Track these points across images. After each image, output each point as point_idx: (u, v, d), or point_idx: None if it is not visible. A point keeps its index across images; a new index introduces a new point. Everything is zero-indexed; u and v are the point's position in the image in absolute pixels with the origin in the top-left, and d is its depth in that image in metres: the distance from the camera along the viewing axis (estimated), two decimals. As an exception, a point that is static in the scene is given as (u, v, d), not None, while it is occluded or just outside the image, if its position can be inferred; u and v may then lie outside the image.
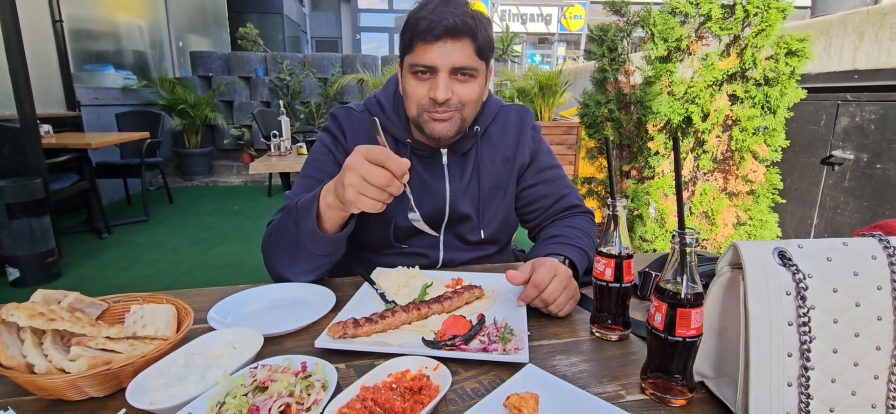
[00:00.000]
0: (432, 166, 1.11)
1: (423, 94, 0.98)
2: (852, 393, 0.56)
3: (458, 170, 1.12)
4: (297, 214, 0.92)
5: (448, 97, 0.96)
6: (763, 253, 0.55)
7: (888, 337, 0.55)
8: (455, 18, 0.92)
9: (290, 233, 0.94)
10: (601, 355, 0.74)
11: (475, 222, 1.14)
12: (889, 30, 2.51)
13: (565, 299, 0.85)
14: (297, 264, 0.96)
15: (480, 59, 0.98)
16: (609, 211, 0.77)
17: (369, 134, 1.08)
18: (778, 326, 0.54)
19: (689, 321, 0.59)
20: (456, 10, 0.93)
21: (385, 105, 1.11)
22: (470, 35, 0.95)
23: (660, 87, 1.91)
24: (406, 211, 0.96)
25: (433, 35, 0.93)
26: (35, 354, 0.63)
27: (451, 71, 0.96)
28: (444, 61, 0.94)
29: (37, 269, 3.09)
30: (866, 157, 2.57)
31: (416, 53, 0.96)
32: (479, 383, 0.67)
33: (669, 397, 0.62)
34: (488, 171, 1.14)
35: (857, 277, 0.55)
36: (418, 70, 0.97)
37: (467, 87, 0.99)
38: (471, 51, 0.96)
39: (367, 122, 1.10)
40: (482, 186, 1.13)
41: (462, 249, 1.15)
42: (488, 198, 1.14)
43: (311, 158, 1.13)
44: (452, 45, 0.94)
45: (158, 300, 0.79)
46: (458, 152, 1.12)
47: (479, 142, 1.13)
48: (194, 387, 0.62)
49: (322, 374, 0.63)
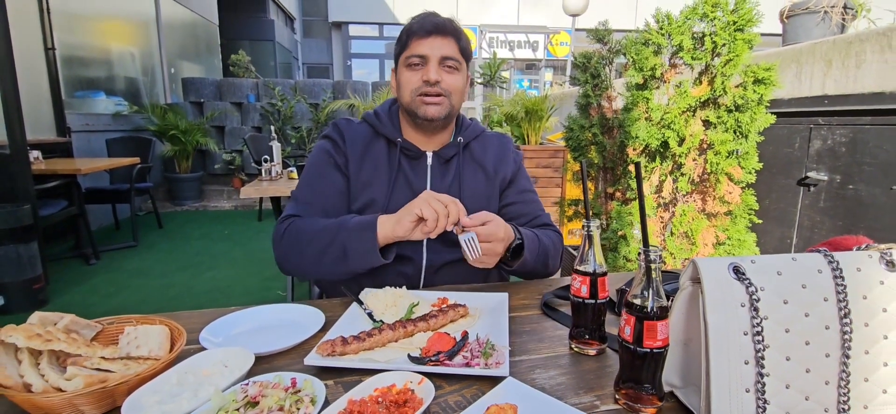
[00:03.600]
0: (417, 167, 1.25)
1: (417, 79, 1.16)
2: (806, 398, 0.60)
3: (440, 173, 1.26)
4: (347, 237, 1.07)
5: (438, 79, 1.15)
6: (719, 268, 0.60)
7: (836, 345, 0.60)
8: (442, 21, 1.15)
9: (333, 249, 1.08)
10: (578, 369, 0.78)
11: None
12: (854, 57, 2.65)
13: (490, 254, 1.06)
14: (326, 266, 1.10)
15: (463, 58, 1.19)
16: (584, 231, 0.82)
17: (366, 141, 1.24)
18: (734, 336, 0.59)
19: (656, 333, 0.63)
20: (442, 18, 1.17)
21: (380, 113, 1.28)
22: (454, 35, 1.16)
23: (638, 113, 2.00)
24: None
25: (425, 31, 1.14)
26: (32, 374, 0.66)
27: (440, 59, 1.15)
28: (434, 52, 1.14)
29: (23, 295, 3.06)
30: (839, 179, 2.68)
31: (410, 48, 1.16)
32: (461, 397, 0.70)
33: (640, 406, 0.66)
34: (468, 180, 1.26)
35: (805, 289, 0.60)
36: (412, 61, 1.16)
37: (453, 77, 1.18)
38: (455, 47, 1.17)
39: (365, 132, 1.26)
40: (462, 190, 1.24)
41: (444, 248, 1.20)
42: (468, 201, 1.21)
43: (311, 164, 1.26)
44: (441, 40, 1.14)
45: (151, 321, 0.81)
46: (441, 158, 1.26)
47: (461, 152, 1.27)
48: (187, 404, 0.64)
49: (311, 389, 0.66)
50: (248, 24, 12.11)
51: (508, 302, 1.00)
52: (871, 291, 0.61)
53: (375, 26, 15.01)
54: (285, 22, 14.20)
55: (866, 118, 2.54)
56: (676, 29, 1.84)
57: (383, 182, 1.21)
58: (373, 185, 1.21)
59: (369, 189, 1.21)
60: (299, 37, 15.65)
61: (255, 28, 12.19)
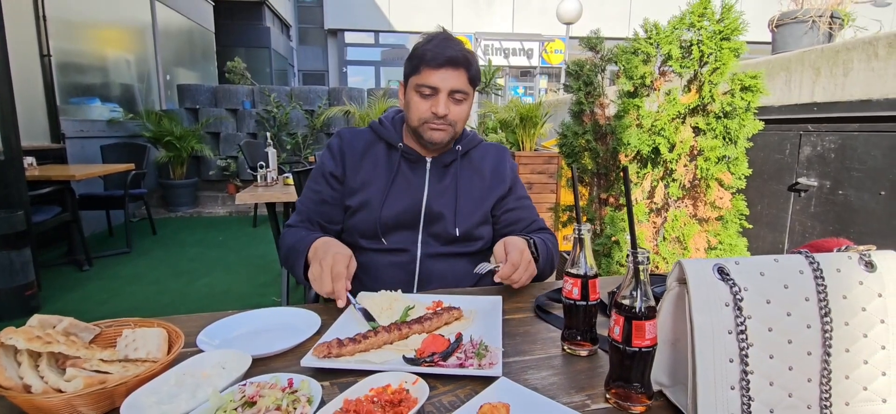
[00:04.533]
0: (416, 169, 1.31)
1: (426, 109, 1.21)
2: (789, 394, 0.62)
3: (438, 177, 1.32)
4: (295, 258, 1.16)
5: (446, 113, 1.20)
6: (704, 269, 0.62)
7: (817, 343, 0.62)
8: (455, 52, 1.18)
9: (292, 262, 1.19)
10: (570, 369, 0.80)
11: (450, 220, 1.28)
12: (842, 66, 2.71)
13: (527, 278, 1.09)
14: (295, 273, 1.20)
15: (470, 86, 1.24)
16: (575, 234, 0.84)
17: (367, 144, 1.32)
18: (719, 335, 0.61)
19: (644, 333, 0.65)
20: (455, 46, 1.20)
21: (384, 120, 1.36)
22: (465, 66, 1.20)
23: (629, 121, 2.03)
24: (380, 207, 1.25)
25: (437, 63, 1.18)
26: (32, 376, 0.66)
27: (450, 92, 1.20)
28: (444, 84, 1.19)
29: (15, 302, 3.03)
30: (829, 184, 2.72)
31: (422, 76, 1.20)
32: (455, 397, 0.71)
33: (630, 405, 0.68)
34: (464, 185, 1.32)
35: (787, 289, 0.63)
36: (423, 91, 1.21)
37: (460, 108, 1.24)
38: (465, 79, 1.21)
39: (368, 136, 1.34)
40: (459, 192, 1.30)
41: (440, 246, 1.28)
42: (463, 203, 1.30)
43: (310, 174, 1.37)
44: (452, 72, 1.19)
45: (149, 324, 0.82)
46: (440, 164, 1.32)
47: (459, 159, 1.33)
48: (185, 404, 0.65)
49: (307, 389, 0.68)
50: (244, 31, 12.14)
51: (502, 305, 1.01)
52: (851, 291, 0.63)
53: (371, 34, 15.06)
54: (281, 29, 14.24)
55: (854, 125, 2.59)
56: (665, 39, 1.88)
57: (382, 182, 1.28)
58: (371, 185, 1.28)
59: (367, 188, 1.28)
60: (295, 44, 15.69)
61: (251, 35, 12.22)
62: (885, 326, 0.64)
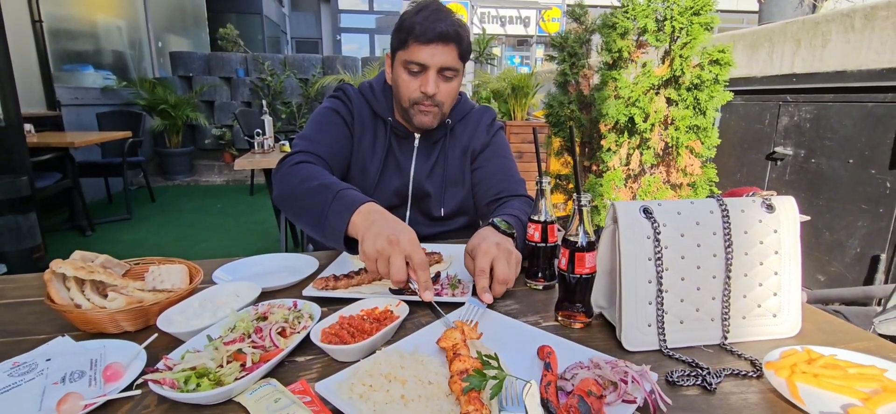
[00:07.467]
0: (405, 146, 1.31)
1: (415, 88, 1.18)
2: (696, 309, 0.77)
3: (426, 154, 1.32)
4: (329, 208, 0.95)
5: (435, 92, 1.17)
6: (632, 209, 0.76)
7: (721, 268, 0.77)
8: (446, 27, 1.12)
9: (315, 210, 0.98)
10: (529, 299, 0.95)
11: (437, 199, 1.32)
12: (821, 37, 2.81)
13: (516, 265, 0.90)
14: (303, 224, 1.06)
15: (461, 62, 1.20)
16: (537, 187, 0.98)
17: (368, 117, 1.28)
18: (641, 261, 0.75)
19: (585, 262, 0.80)
20: (446, 19, 1.14)
21: (375, 88, 1.31)
22: (456, 41, 1.15)
23: (608, 92, 2.14)
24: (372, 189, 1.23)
25: (427, 38, 1.12)
26: (80, 297, 0.80)
27: (439, 70, 1.16)
28: (434, 61, 1.14)
29: (24, 264, 3.17)
30: (803, 153, 2.86)
31: (410, 51, 1.15)
32: (432, 318, 0.86)
33: (573, 322, 0.83)
34: (451, 162, 1.33)
35: (698, 225, 0.77)
36: (412, 68, 1.16)
37: (449, 86, 1.20)
38: (455, 55, 1.17)
39: (367, 109, 1.30)
40: (446, 172, 1.32)
41: (426, 223, 1.34)
42: (450, 183, 1.34)
43: (319, 114, 1.28)
44: (442, 48, 1.14)
45: (172, 262, 0.96)
46: (428, 140, 1.32)
47: (447, 134, 1.32)
48: (209, 319, 0.79)
49: (310, 309, 0.82)
50: (235, -3, 11.91)
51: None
52: (751, 228, 0.78)
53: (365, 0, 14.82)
54: (273, -5, 13.95)
55: (829, 95, 2.70)
56: (641, 12, 1.98)
57: (378, 162, 1.28)
58: (365, 162, 1.28)
59: (361, 164, 1.28)
60: (287, 10, 15.41)
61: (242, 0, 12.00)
62: (778, 255, 0.78)
